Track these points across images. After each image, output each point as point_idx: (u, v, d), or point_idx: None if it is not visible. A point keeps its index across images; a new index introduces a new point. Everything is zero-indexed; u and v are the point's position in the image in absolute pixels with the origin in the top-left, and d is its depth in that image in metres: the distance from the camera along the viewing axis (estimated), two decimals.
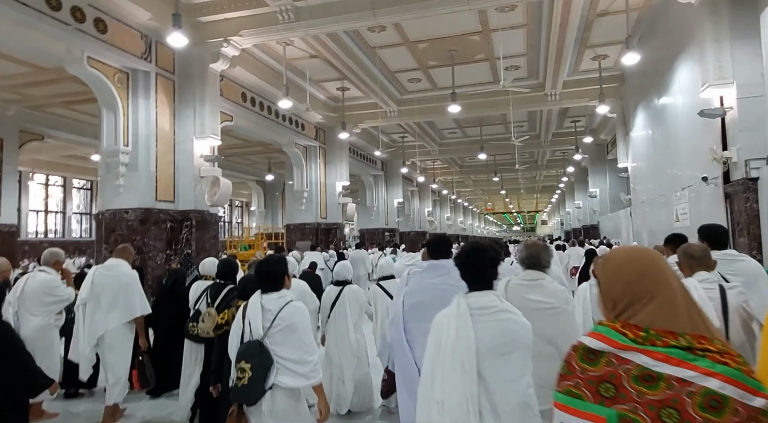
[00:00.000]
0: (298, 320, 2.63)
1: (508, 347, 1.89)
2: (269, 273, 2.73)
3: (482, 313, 1.95)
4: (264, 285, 2.72)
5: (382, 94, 13.48)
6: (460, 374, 1.82)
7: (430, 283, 2.88)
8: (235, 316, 2.80)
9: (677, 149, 8.90)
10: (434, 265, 2.98)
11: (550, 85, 12.96)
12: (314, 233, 14.41)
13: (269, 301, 2.64)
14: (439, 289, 2.80)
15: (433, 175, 26.64)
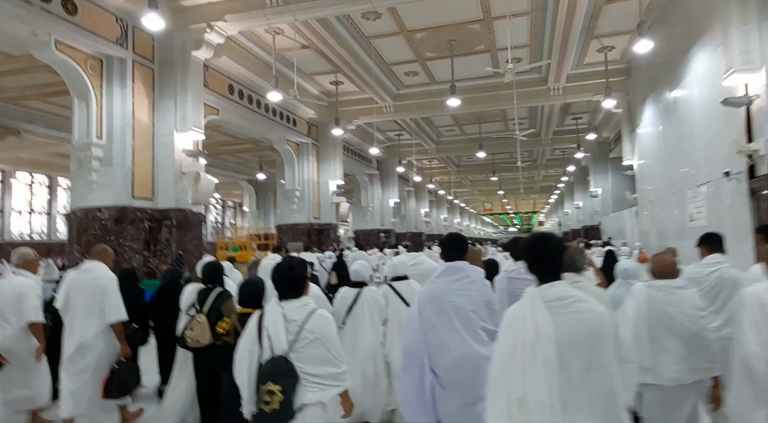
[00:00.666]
0: (328, 332, 2.36)
1: (590, 338, 1.82)
2: (291, 278, 2.41)
3: (558, 304, 1.87)
4: (283, 291, 2.40)
5: (378, 89, 12.89)
6: (542, 369, 1.76)
7: (450, 289, 2.69)
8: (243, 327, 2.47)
9: (692, 144, 8.33)
10: (452, 268, 2.77)
11: (554, 78, 12.40)
12: (306, 234, 13.78)
13: (292, 310, 2.34)
14: (461, 296, 2.67)
15: (429, 174, 26.08)
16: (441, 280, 2.76)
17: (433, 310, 2.68)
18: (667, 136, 9.84)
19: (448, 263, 2.80)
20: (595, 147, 18.77)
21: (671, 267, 3.01)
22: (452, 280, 2.71)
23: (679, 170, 9.10)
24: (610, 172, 18.35)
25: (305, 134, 13.94)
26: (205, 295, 3.73)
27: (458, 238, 2.97)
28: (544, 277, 1.95)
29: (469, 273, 2.76)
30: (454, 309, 2.68)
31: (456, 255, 2.82)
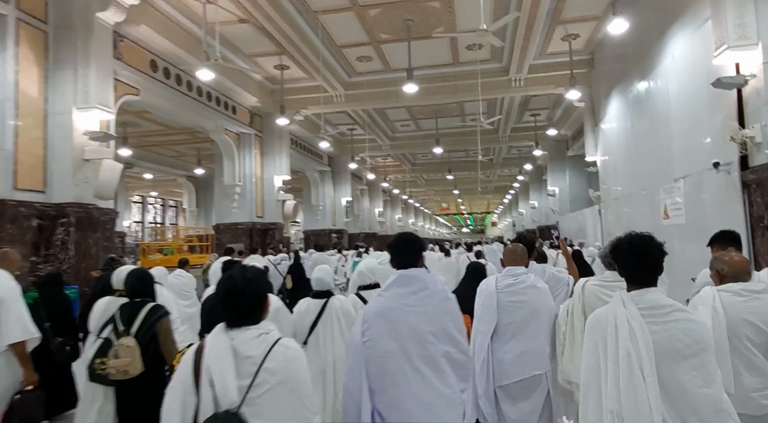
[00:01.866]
0: (297, 371, 1.73)
1: (691, 350, 1.72)
2: (246, 296, 1.75)
3: (654, 313, 1.78)
4: (235, 315, 1.73)
5: (328, 75, 11.71)
6: (640, 381, 1.66)
7: (403, 305, 2.18)
8: None
9: (667, 136, 7.68)
10: (405, 277, 2.25)
11: (516, 68, 11.65)
12: (248, 234, 12.40)
13: (246, 343, 1.68)
14: (417, 314, 2.18)
15: (384, 173, 25.10)
16: (391, 294, 2.21)
17: (381, 333, 2.13)
18: (637, 130, 9.22)
19: (400, 271, 2.26)
20: (552, 145, 18.35)
21: (746, 266, 2.48)
22: (405, 293, 2.19)
23: (651, 165, 8.47)
24: (567, 170, 17.97)
25: (247, 124, 12.55)
26: (133, 312, 3.02)
27: (411, 239, 2.37)
28: (638, 281, 1.85)
29: (427, 283, 2.26)
30: (408, 332, 2.14)
31: (409, 260, 2.28)
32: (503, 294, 2.98)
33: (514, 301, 2.96)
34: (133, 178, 20.90)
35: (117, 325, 3.00)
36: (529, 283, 3.01)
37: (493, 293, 2.99)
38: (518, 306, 2.95)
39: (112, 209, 7.45)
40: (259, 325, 1.75)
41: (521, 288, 2.99)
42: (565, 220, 17.82)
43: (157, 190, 25.86)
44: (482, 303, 3.02)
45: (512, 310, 2.95)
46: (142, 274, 3.31)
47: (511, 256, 3.19)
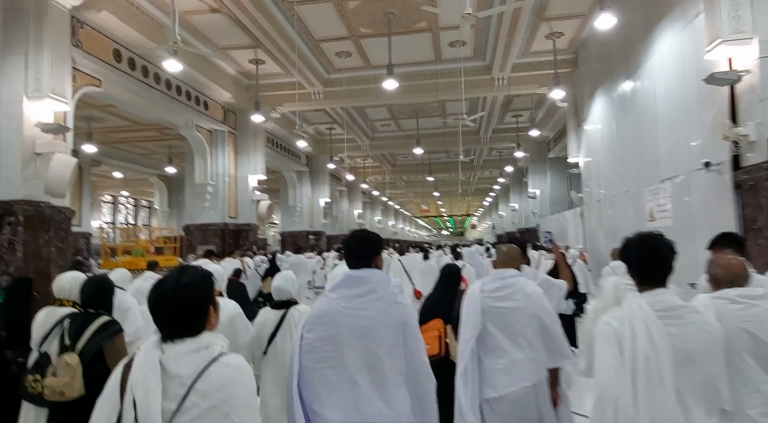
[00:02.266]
0: (234, 395, 1.42)
1: (707, 353, 1.68)
2: (179, 302, 1.47)
3: (671, 315, 1.73)
4: (168, 326, 1.47)
5: (305, 70, 11.27)
6: (658, 388, 1.60)
7: (346, 308, 1.94)
8: None
9: (653, 136, 7.48)
10: (352, 278, 2.03)
11: (499, 66, 11.41)
12: (220, 236, 11.86)
13: (179, 358, 1.43)
14: (361, 319, 1.92)
15: (363, 174, 24.70)
16: (337, 295, 2.02)
17: (320, 337, 1.93)
18: (621, 130, 9.03)
19: (349, 271, 2.07)
20: (534, 147, 18.23)
21: (743, 270, 2.24)
22: (351, 295, 1.99)
23: (636, 166, 8.28)
24: (549, 172, 17.85)
25: (220, 120, 12.01)
26: (82, 325, 2.67)
27: (366, 237, 2.16)
28: (650, 281, 1.80)
29: (376, 286, 2.03)
30: (350, 337, 1.93)
31: (362, 261, 2.08)
32: (489, 299, 2.77)
33: (501, 307, 2.74)
34: (102, 177, 20.07)
35: (64, 339, 2.67)
36: (518, 287, 2.76)
37: (477, 298, 2.78)
38: (506, 312, 2.73)
39: (67, 208, 6.87)
40: (200, 337, 1.49)
41: (509, 293, 2.76)
42: (546, 222, 17.69)
43: (129, 190, 24.96)
44: (466, 308, 2.81)
45: (499, 317, 2.74)
46: (101, 282, 2.96)
47: (503, 257, 2.94)
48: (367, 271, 2.06)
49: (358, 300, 1.97)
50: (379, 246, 2.14)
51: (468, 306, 2.80)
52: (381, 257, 2.16)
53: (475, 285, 2.90)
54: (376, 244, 2.13)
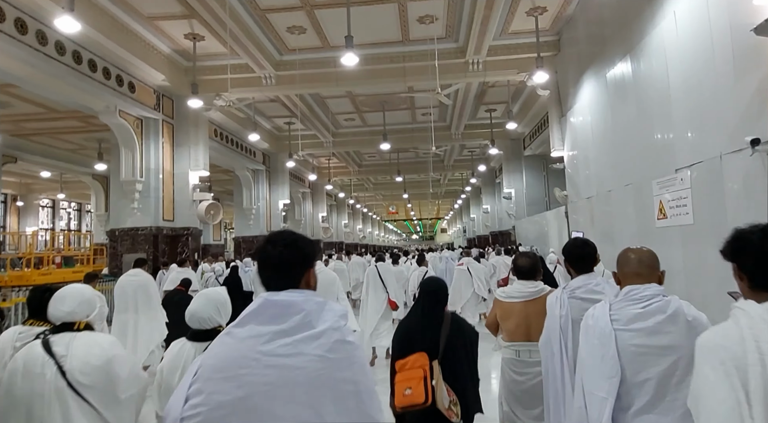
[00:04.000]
0: None
1: None
2: None
3: None
4: None
5: (253, 49, 9.67)
6: None
7: (260, 353, 1.25)
8: None
9: (665, 118, 6.23)
10: (273, 305, 1.32)
11: (474, 49, 10.09)
12: (151, 242, 10.06)
13: None
14: (280, 372, 1.24)
15: (328, 174, 23.10)
16: (245, 332, 1.28)
17: (216, 407, 1.20)
18: (618, 117, 7.79)
19: (266, 296, 1.33)
20: (508, 144, 17.07)
21: None
22: (271, 333, 1.26)
23: (639, 156, 7.03)
24: (524, 171, 16.71)
25: (152, 106, 10.24)
26: None
27: (291, 241, 1.40)
28: None
29: (311, 317, 1.31)
30: (268, 406, 1.21)
31: (285, 277, 1.36)
32: (627, 333, 1.88)
33: (647, 346, 1.85)
34: (30, 177, 17.78)
35: None
36: (671, 314, 1.85)
37: (609, 332, 1.89)
38: (656, 353, 1.83)
39: None
40: None
41: (658, 323, 1.85)
42: (522, 224, 16.52)
43: (68, 193, 22.56)
44: (592, 348, 1.94)
45: (646, 360, 1.84)
46: None
47: (635, 267, 1.99)
48: (297, 294, 1.34)
49: (281, 340, 1.26)
50: (312, 255, 1.43)
51: (597, 345, 1.90)
52: (314, 271, 1.44)
53: (600, 310, 1.97)
54: (306, 251, 1.41)
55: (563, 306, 2.47)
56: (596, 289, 2.50)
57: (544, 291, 3.00)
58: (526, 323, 2.96)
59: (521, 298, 3.03)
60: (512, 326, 3.00)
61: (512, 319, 3.02)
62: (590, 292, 2.49)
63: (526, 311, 2.98)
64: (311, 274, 1.42)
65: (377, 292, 7.71)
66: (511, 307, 3.05)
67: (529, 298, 3.01)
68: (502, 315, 3.12)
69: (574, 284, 2.54)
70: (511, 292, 3.11)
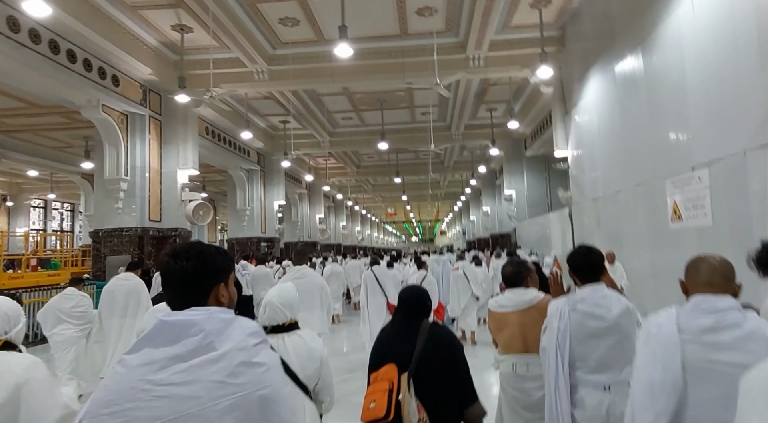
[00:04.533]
0: None
1: None
2: None
3: None
4: None
5: (244, 42, 9.25)
6: None
7: (150, 383, 1.09)
8: None
9: (681, 112, 5.80)
10: (168, 327, 1.15)
11: (474, 44, 9.67)
12: (137, 243, 9.61)
13: None
14: (176, 402, 1.08)
15: (325, 175, 22.66)
16: (137, 359, 1.12)
17: None
18: (628, 113, 7.36)
19: (162, 317, 1.16)
20: (509, 145, 16.64)
21: None
22: (165, 359, 1.11)
23: (651, 154, 6.61)
24: (526, 172, 16.28)
25: (137, 102, 9.80)
26: None
27: (198, 252, 1.26)
28: None
29: (212, 338, 1.15)
30: None
31: (191, 294, 1.22)
32: (695, 347, 1.62)
33: (718, 362, 1.57)
34: (19, 176, 17.33)
35: None
36: (749, 330, 1.57)
37: (675, 342, 1.64)
38: (727, 372, 1.53)
39: None
40: None
41: (735, 339, 1.57)
42: (524, 227, 16.08)
43: (57, 192, 22.11)
44: (651, 358, 1.67)
45: (715, 379, 1.57)
46: None
47: (707, 276, 1.74)
48: (198, 312, 1.17)
49: (176, 367, 1.10)
50: (222, 267, 1.26)
51: (658, 356, 1.66)
52: (228, 286, 1.28)
53: (665, 319, 1.73)
54: (214, 264, 1.24)
55: (563, 318, 2.34)
56: (602, 302, 2.35)
57: (538, 298, 2.87)
58: (522, 334, 2.83)
59: (514, 308, 2.90)
60: (507, 338, 2.86)
61: (507, 330, 2.89)
62: (595, 306, 2.34)
63: (521, 321, 2.84)
64: (222, 289, 1.27)
65: (376, 297, 7.39)
66: (504, 317, 2.93)
67: (523, 307, 2.87)
68: (496, 326, 2.99)
69: (579, 296, 2.40)
70: (502, 302, 2.97)
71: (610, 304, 2.33)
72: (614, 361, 2.31)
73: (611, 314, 2.31)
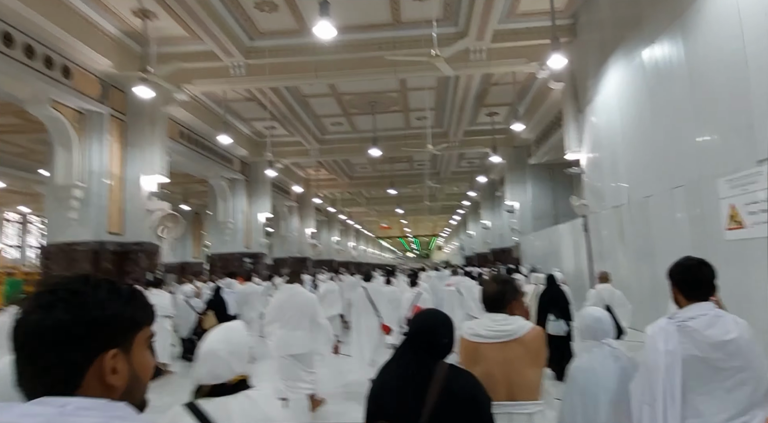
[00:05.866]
0: None
1: None
2: None
3: None
4: None
5: (217, 31, 8.16)
6: None
7: None
8: None
9: (742, 95, 4.69)
10: None
11: (476, 34, 8.63)
12: (91, 259, 8.36)
13: None
14: None
15: (316, 187, 21.52)
16: None
17: None
18: (661, 102, 6.26)
19: None
20: (511, 152, 15.57)
21: None
22: None
23: (695, 149, 5.48)
24: (529, 181, 15.17)
25: (95, 98, 8.63)
26: None
27: (68, 296, 0.78)
28: None
29: None
30: None
31: (43, 376, 0.77)
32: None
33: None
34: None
35: None
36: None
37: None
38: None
39: None
40: None
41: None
42: (528, 240, 14.90)
43: (34, 205, 20.83)
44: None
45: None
46: None
47: None
48: (38, 413, 0.74)
49: None
50: (117, 321, 0.81)
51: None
52: (126, 357, 0.83)
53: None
54: (105, 314, 0.80)
55: (670, 339, 1.88)
56: (725, 324, 1.86)
57: (524, 329, 2.20)
58: (505, 375, 2.17)
59: (493, 339, 2.20)
60: (483, 377, 2.00)
61: (482, 367, 2.16)
62: (710, 326, 1.86)
63: (503, 357, 2.17)
64: (115, 360, 0.79)
65: (368, 318, 6.53)
66: (478, 349, 2.22)
67: (505, 339, 2.19)
68: (467, 357, 2.23)
69: (686, 314, 1.94)
70: (479, 329, 2.26)
71: (728, 324, 1.86)
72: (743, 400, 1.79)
73: (731, 336, 1.82)
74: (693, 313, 1.91)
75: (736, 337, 1.81)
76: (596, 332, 2.27)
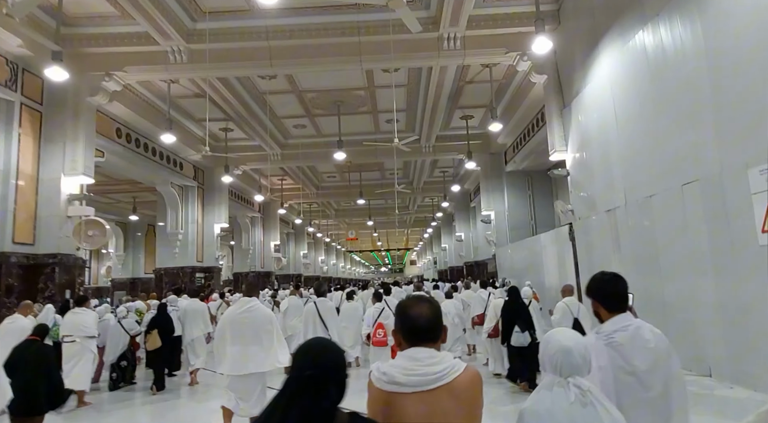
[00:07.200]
0: None
1: None
2: None
3: None
4: None
5: (149, 7, 6.95)
6: None
7: None
8: None
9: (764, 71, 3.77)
10: None
11: (449, 19, 7.70)
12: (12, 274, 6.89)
13: None
14: None
15: (281, 197, 20.21)
16: None
17: None
18: (668, 91, 5.33)
19: None
20: (487, 159, 14.68)
21: None
22: None
23: (714, 137, 4.54)
24: (506, 190, 14.27)
25: (0, 82, 7.25)
26: None
27: None
28: None
29: None
30: None
31: None
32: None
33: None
34: None
35: None
36: None
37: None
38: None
39: None
40: None
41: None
42: (505, 252, 13.92)
43: None
44: None
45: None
46: None
47: None
48: None
49: None
50: None
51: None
52: None
53: None
54: None
55: (601, 356, 1.81)
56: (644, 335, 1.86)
57: (456, 370, 1.51)
58: None
59: (415, 387, 1.48)
60: None
61: None
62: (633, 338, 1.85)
63: (428, 410, 1.47)
64: None
65: (317, 334, 5.67)
66: (392, 401, 1.50)
67: (431, 386, 1.48)
68: (377, 414, 1.50)
69: (610, 327, 1.90)
70: (395, 374, 1.51)
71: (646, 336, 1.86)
72: None
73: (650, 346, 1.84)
74: (617, 326, 1.90)
75: (654, 347, 1.84)
76: (562, 367, 1.54)
